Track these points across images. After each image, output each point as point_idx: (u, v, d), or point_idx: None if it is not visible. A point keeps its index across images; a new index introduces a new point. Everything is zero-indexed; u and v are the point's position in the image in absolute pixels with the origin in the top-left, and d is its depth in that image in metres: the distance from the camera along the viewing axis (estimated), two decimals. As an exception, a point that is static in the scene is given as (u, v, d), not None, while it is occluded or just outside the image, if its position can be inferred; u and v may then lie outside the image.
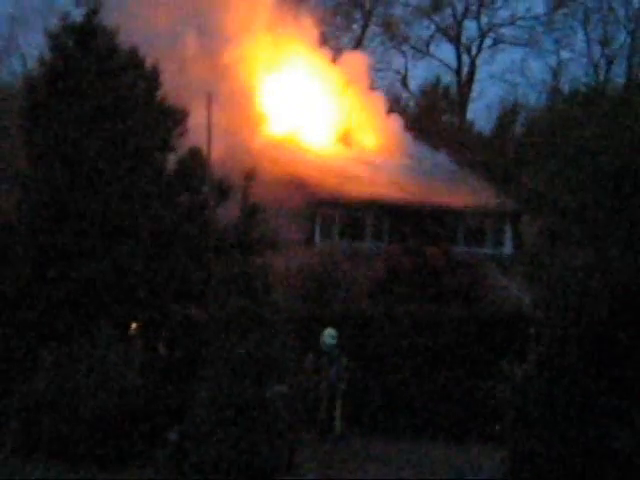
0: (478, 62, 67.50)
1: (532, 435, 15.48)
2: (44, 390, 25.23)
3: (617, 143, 14.59)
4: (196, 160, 28.52)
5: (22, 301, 27.10)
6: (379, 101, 52.83)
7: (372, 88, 54.58)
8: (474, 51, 67.50)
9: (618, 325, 14.42)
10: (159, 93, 28.84)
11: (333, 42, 54.39)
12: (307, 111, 48.68)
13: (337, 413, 27.01)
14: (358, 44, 62.79)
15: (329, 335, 27.25)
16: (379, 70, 65.50)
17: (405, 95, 67.49)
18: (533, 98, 65.22)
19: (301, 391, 23.88)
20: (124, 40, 29.22)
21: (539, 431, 15.36)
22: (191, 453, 22.46)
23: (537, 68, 68.45)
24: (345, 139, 49.11)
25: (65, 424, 24.65)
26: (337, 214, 44.03)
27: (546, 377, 15.35)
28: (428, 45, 67.98)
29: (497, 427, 16.93)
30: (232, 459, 21.70)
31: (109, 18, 29.69)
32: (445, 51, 67.90)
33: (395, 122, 51.75)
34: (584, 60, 65.25)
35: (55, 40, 29.11)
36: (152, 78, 29.02)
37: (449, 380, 28.71)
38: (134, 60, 29.08)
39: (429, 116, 62.90)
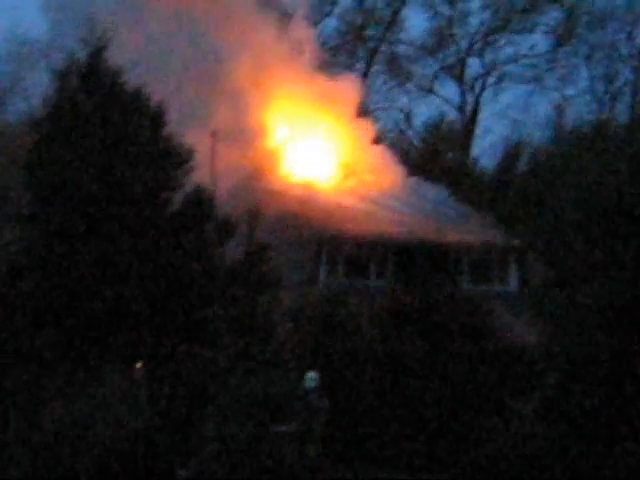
0: (482, 100, 67.58)
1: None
2: (50, 427, 25.29)
3: (620, 181, 14.68)
4: (201, 199, 28.62)
5: (27, 339, 27.19)
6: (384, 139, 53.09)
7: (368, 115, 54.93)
8: (478, 89, 67.59)
9: (624, 361, 14.49)
10: (164, 132, 28.89)
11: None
12: (312, 150, 48.77)
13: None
14: (361, 82, 62.86)
15: (310, 379, 27.13)
16: (383, 108, 65.72)
17: (409, 133, 67.46)
18: (537, 135, 64.94)
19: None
20: (132, 77, 29.43)
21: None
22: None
23: (541, 105, 68.31)
24: (349, 177, 49.14)
25: (71, 460, 24.70)
26: (342, 252, 44.07)
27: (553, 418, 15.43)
28: (432, 83, 68.05)
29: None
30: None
31: (119, 55, 29.96)
32: (449, 89, 68.00)
33: (399, 160, 51.90)
34: (588, 97, 65.26)
35: (60, 80, 29.25)
36: (157, 117, 29.09)
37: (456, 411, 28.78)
38: (139, 99, 29.18)
39: (432, 154, 62.93)
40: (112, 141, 28.08)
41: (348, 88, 52.73)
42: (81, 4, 48.52)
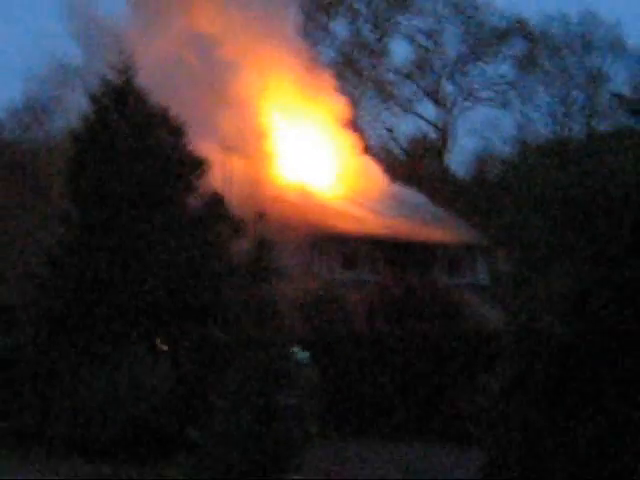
0: (456, 118, 67.76)
1: (507, 441, 15.46)
2: (85, 398, 25.31)
3: (581, 188, 14.64)
4: (217, 202, 28.71)
5: (65, 323, 27.21)
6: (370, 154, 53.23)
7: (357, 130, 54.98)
8: (452, 109, 67.80)
9: (583, 344, 14.41)
10: (184, 144, 28.95)
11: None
12: (310, 160, 48.79)
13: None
14: (353, 104, 62.97)
15: (299, 353, 27.03)
16: (370, 126, 65.78)
17: (392, 146, 67.53)
18: (504, 149, 65.32)
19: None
20: (158, 97, 29.53)
21: (513, 437, 15.34)
22: (210, 453, 22.49)
23: (507, 124, 68.35)
24: (341, 184, 49.16)
25: (104, 427, 24.73)
26: (336, 249, 44.12)
27: (519, 392, 15.33)
28: (412, 104, 68.19)
29: (472, 430, 16.85)
30: (249, 460, 21.73)
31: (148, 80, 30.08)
32: (428, 109, 68.18)
33: (384, 169, 51.99)
34: (547, 117, 65.64)
35: (95, 100, 29.29)
36: (178, 131, 29.13)
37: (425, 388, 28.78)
38: (163, 116, 29.22)
39: (413, 165, 63.07)
40: (140, 152, 28.12)
41: (340, 108, 52.89)
42: (104, 29, 48.79)
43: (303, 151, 48.88)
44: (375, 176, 50.72)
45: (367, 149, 54.11)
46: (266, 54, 48.74)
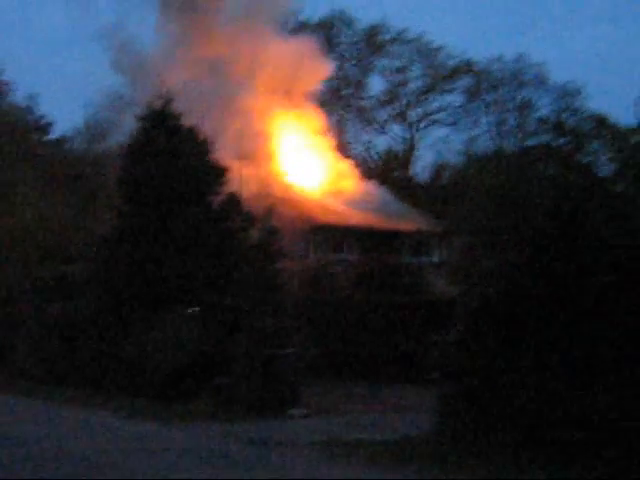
0: (418, 136, 67.98)
1: (457, 380, 15.60)
2: (136, 351, 25.45)
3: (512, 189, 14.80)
4: (234, 201, 28.79)
5: (119, 293, 27.35)
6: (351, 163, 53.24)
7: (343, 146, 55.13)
8: (416, 128, 68.02)
9: (511, 305, 14.55)
10: (209, 156, 29.04)
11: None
12: (307, 168, 48.85)
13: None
14: (339, 126, 63.21)
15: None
16: (353, 141, 65.93)
17: (370, 158, 67.62)
18: (455, 159, 65.59)
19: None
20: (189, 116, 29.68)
21: (462, 380, 15.46)
22: (231, 392, 22.65)
23: (457, 141, 68.53)
24: (330, 187, 49.18)
25: (150, 373, 24.87)
26: (326, 236, 44.19)
27: (467, 343, 15.46)
28: (385, 124, 68.32)
29: (433, 375, 16.95)
30: (259, 396, 21.89)
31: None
32: (397, 129, 68.34)
33: (363, 176, 52.08)
34: (487, 136, 65.96)
35: (140, 121, 29.36)
36: (204, 146, 29.21)
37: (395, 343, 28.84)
38: (193, 134, 29.30)
39: (385, 171, 63.21)
40: (175, 162, 28.19)
41: (330, 128, 53.11)
42: (141, 60, 48.79)
43: (300, 160, 48.93)
44: (356, 180, 50.81)
45: (350, 159, 54.18)
46: (270, 80, 48.77)
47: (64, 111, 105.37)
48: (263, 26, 49.46)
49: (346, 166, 51.60)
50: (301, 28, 56.37)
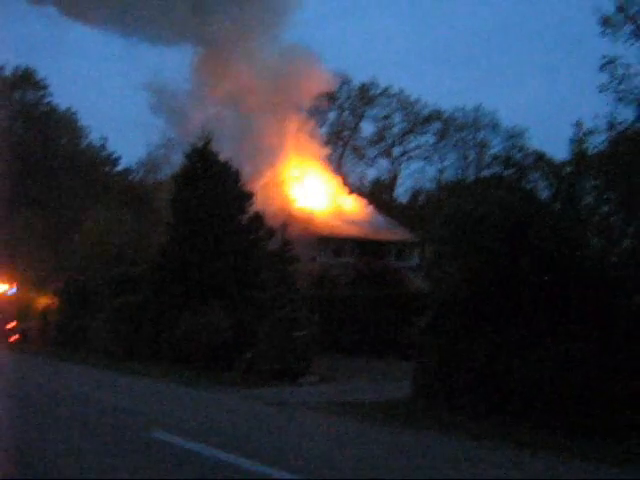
0: (400, 168, 68.19)
1: (429, 357, 15.60)
2: (184, 332, 25.50)
3: (472, 209, 14.78)
4: (258, 218, 28.86)
5: (170, 288, 27.40)
6: (348, 189, 53.29)
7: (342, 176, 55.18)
8: (398, 162, 68.20)
9: (468, 298, 14.55)
10: (240, 185, 29.13)
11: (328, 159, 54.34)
12: (314, 193, 48.88)
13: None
14: (339, 160, 63.42)
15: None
16: (349, 172, 66.09)
17: (363, 185, 67.73)
18: (428, 186, 65.75)
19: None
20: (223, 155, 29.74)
21: (432, 355, 15.46)
22: (256, 365, 22.65)
23: (430, 171, 68.67)
24: (333, 207, 49.21)
25: (193, 350, 24.91)
26: (330, 245, 44.22)
27: (435, 328, 15.46)
28: (374, 160, 68.53)
29: (410, 351, 16.93)
30: (278, 368, 21.89)
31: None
32: (384, 163, 68.55)
33: (357, 199, 52.14)
34: (454, 167, 66.06)
35: (187, 157, 29.48)
36: (236, 176, 29.31)
37: (385, 326, 28.78)
38: (226, 166, 29.39)
39: (374, 195, 63.35)
40: (213, 189, 28.28)
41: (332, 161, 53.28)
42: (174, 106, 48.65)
43: (307, 185, 49.02)
44: (352, 202, 50.87)
45: (347, 186, 54.22)
46: (284, 121, 48.71)
47: (129, 148, 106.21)
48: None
49: (344, 191, 51.69)
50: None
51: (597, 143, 15.11)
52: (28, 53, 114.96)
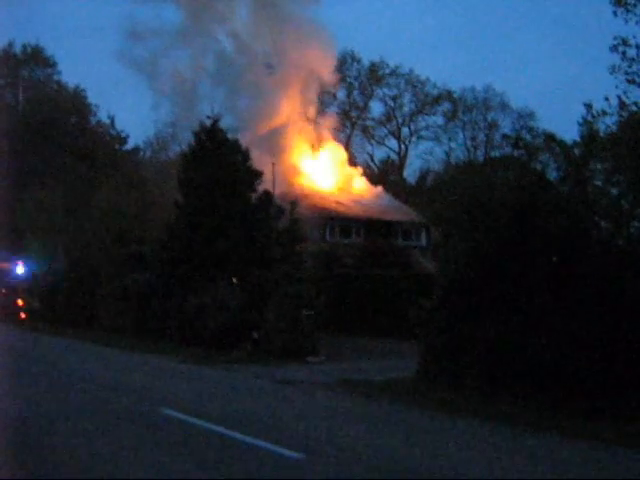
0: (409, 148, 68.06)
1: (435, 336, 15.64)
2: (192, 311, 25.58)
3: (480, 190, 14.77)
4: (267, 197, 28.81)
5: (178, 266, 27.45)
6: (358, 168, 53.26)
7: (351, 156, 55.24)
8: (407, 142, 68.05)
9: (474, 280, 14.57)
10: (249, 163, 29.04)
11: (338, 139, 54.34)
12: (324, 174, 48.82)
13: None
14: (348, 140, 63.26)
15: None
16: (358, 152, 66.00)
17: (372, 165, 67.66)
18: (436, 167, 65.65)
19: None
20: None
21: (438, 336, 15.51)
22: (263, 343, 22.77)
23: (438, 153, 68.53)
24: (342, 187, 49.15)
25: (201, 328, 24.99)
26: (337, 224, 44.19)
27: (442, 308, 15.50)
28: (383, 139, 68.41)
29: (417, 332, 16.94)
30: (284, 347, 22.00)
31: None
32: (393, 143, 68.34)
33: (366, 179, 52.11)
34: (462, 149, 65.98)
35: (196, 135, 29.39)
36: (246, 155, 29.22)
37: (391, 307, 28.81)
38: (236, 144, 29.34)
39: (383, 175, 63.24)
40: (222, 167, 28.21)
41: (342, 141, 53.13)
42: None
43: (319, 167, 48.96)
44: (361, 182, 50.84)
45: (356, 166, 54.22)
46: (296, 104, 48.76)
47: (138, 126, 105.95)
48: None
49: (354, 171, 51.63)
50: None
51: (607, 125, 15.04)
52: (36, 30, 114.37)
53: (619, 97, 14.16)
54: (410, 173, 68.80)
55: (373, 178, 54.25)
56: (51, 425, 11.38)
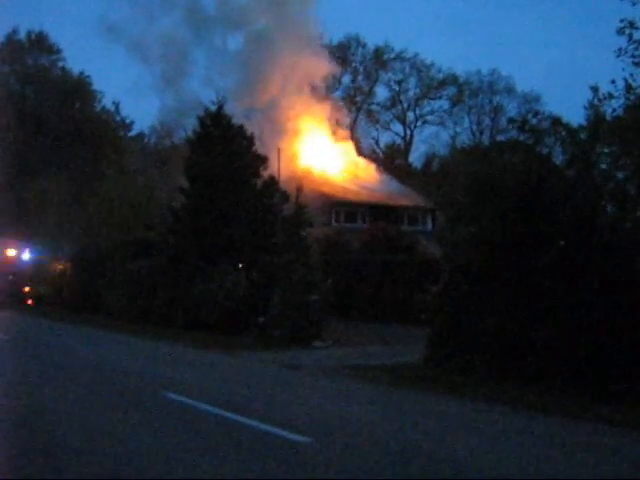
0: (414, 133, 67.93)
1: (442, 321, 15.63)
2: (198, 296, 25.63)
3: (486, 175, 14.70)
4: (272, 182, 28.78)
5: (180, 254, 27.45)
6: (363, 153, 53.16)
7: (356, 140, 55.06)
8: (412, 127, 67.88)
9: (480, 264, 14.53)
10: (254, 148, 29.04)
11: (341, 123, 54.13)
12: (330, 159, 48.73)
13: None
14: (353, 124, 63.06)
15: None
16: (363, 137, 65.88)
17: (377, 150, 67.56)
18: (442, 151, 65.56)
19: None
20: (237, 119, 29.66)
21: (445, 320, 15.50)
22: (269, 328, 22.79)
23: (444, 137, 68.40)
24: (347, 172, 49.10)
25: (207, 314, 25.04)
26: (343, 209, 44.16)
27: (448, 293, 15.48)
28: (389, 124, 68.27)
29: (423, 316, 16.94)
30: (291, 332, 22.01)
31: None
32: (398, 127, 68.22)
33: (372, 165, 52.03)
34: (464, 133, 65.99)
35: (201, 120, 29.39)
36: (250, 139, 29.21)
37: (398, 290, 28.83)
38: (241, 130, 29.32)
39: (388, 160, 63.16)
40: (227, 152, 28.21)
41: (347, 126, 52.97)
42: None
43: (324, 152, 48.85)
44: (366, 167, 50.75)
45: (361, 151, 54.11)
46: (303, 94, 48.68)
47: (143, 113, 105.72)
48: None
49: (358, 156, 51.56)
50: (324, 49, 55.93)
51: (613, 108, 14.93)
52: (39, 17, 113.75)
53: (625, 80, 14.02)
54: (416, 158, 68.79)
55: (379, 162, 54.16)
56: (57, 405, 11.43)
